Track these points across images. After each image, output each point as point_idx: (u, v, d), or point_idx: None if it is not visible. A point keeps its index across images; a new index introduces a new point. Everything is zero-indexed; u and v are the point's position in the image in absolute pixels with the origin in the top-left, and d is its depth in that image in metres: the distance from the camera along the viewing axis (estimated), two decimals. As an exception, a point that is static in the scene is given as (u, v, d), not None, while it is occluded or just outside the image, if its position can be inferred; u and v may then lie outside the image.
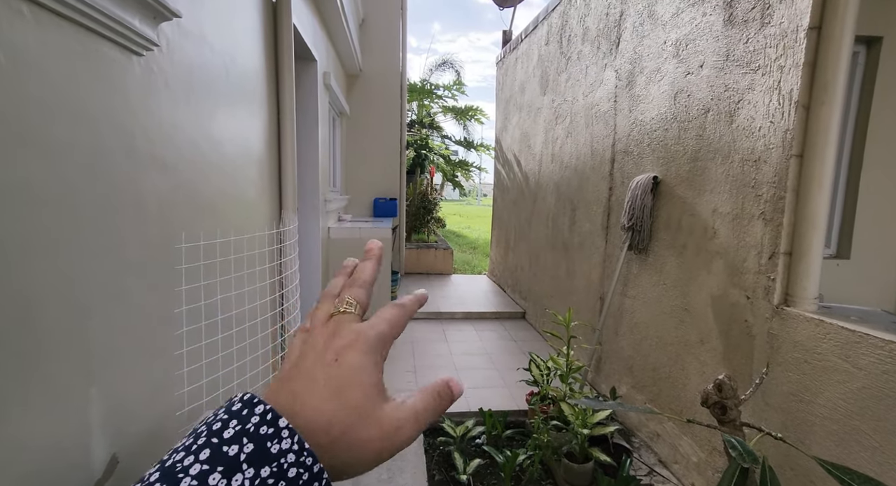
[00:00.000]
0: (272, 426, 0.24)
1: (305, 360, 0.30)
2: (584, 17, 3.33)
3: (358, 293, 0.35)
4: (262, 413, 0.25)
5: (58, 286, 0.89)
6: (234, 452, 0.23)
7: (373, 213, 5.95)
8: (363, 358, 0.29)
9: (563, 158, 3.75)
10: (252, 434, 0.24)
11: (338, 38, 4.32)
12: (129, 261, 1.11)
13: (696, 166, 2.06)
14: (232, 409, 0.25)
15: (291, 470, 0.23)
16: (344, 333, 0.30)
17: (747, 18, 1.74)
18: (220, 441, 0.23)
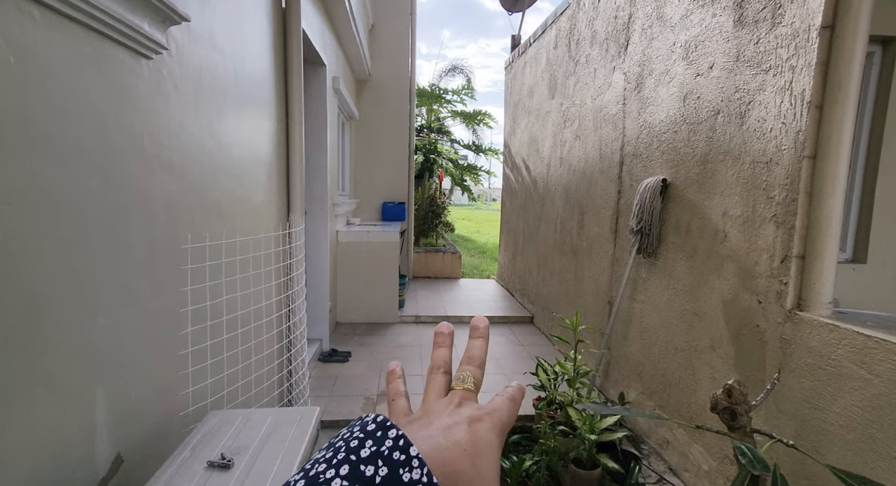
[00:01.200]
0: (404, 453, 0.24)
1: (438, 417, 0.30)
2: (593, 20, 3.32)
3: (476, 374, 0.36)
4: (395, 438, 0.25)
5: (67, 286, 0.90)
6: (370, 472, 0.23)
7: (381, 217, 5.97)
8: (494, 436, 0.29)
9: (571, 161, 3.73)
10: (386, 458, 0.24)
11: (347, 44, 4.36)
12: (137, 261, 1.12)
13: (706, 169, 2.03)
14: (367, 429, 0.26)
15: None
16: (472, 407, 0.31)
17: (758, 19, 1.71)
18: (357, 460, 0.24)
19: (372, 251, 4.39)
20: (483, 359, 0.38)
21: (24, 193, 0.82)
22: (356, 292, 4.39)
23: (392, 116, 5.88)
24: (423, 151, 7.93)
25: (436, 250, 6.67)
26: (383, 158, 5.91)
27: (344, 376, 3.18)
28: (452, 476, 0.26)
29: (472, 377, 0.35)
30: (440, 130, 8.85)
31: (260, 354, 1.58)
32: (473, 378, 0.35)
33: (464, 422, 0.29)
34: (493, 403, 0.33)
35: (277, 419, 1.20)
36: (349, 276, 4.36)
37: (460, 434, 0.28)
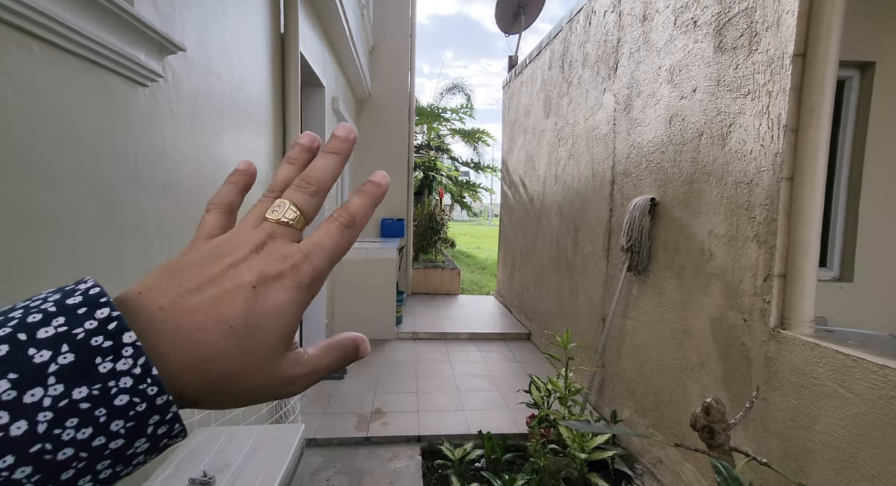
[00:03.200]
0: (112, 339, 0.19)
1: (212, 267, 0.23)
2: (584, 43, 3.41)
3: (304, 202, 0.26)
4: (105, 320, 0.19)
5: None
6: (42, 358, 0.17)
7: (380, 233, 6.02)
8: (289, 298, 0.23)
9: (565, 179, 3.78)
10: (78, 343, 0.18)
11: (347, 65, 4.47)
12: (130, 281, 1.16)
13: (692, 188, 2.07)
14: (65, 303, 0.19)
15: (121, 398, 0.18)
16: (274, 255, 0.24)
17: (736, 45, 1.78)
18: (28, 340, 0.18)
19: (370, 268, 4.42)
20: (325, 182, 0.27)
21: (22, 218, 0.86)
22: (354, 309, 4.41)
23: (391, 134, 5.98)
24: (423, 169, 8.03)
25: (435, 266, 6.70)
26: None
27: (338, 394, 3.17)
28: (204, 364, 0.21)
29: (294, 206, 0.25)
30: (440, 148, 8.98)
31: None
32: (301, 211, 0.26)
33: (247, 286, 0.22)
34: (314, 236, 0.25)
35: (262, 437, 1.22)
36: (347, 292, 4.39)
37: (233, 306, 0.22)
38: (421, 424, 2.77)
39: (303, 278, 0.24)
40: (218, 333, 0.21)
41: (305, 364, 0.25)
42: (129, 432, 0.18)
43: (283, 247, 0.24)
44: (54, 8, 0.90)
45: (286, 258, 0.24)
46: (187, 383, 0.21)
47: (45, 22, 0.88)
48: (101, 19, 1.02)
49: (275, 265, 0.23)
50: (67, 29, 0.93)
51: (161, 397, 0.19)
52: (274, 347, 0.23)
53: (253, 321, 0.22)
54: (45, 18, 0.88)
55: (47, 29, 0.89)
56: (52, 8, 0.89)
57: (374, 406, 2.99)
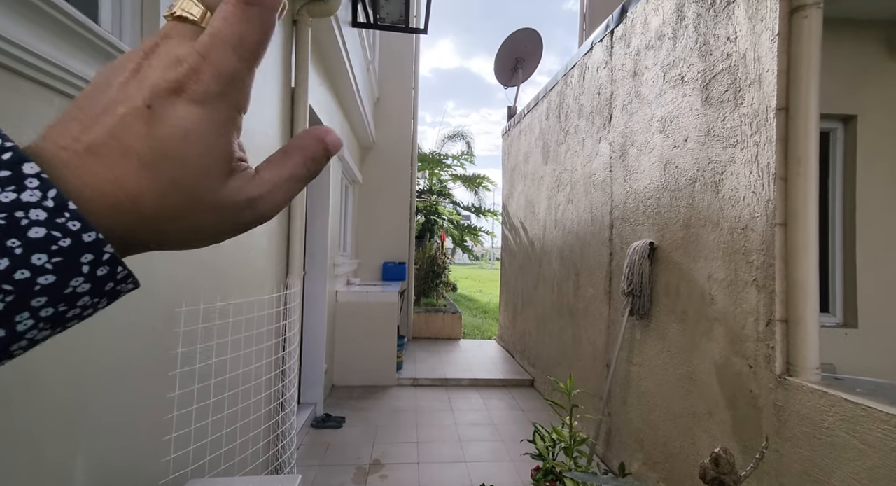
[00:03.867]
0: (9, 169, 0.17)
1: (109, 91, 0.20)
2: (579, 95, 3.59)
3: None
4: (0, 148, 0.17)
5: (60, 353, 0.95)
6: None
7: (382, 276, 6.03)
8: (195, 117, 0.19)
9: (565, 223, 3.85)
10: None
11: (353, 116, 4.68)
12: (133, 324, 1.17)
13: (689, 233, 2.10)
14: None
15: (36, 230, 0.17)
16: (165, 60, 0.20)
17: (722, 99, 1.88)
18: None
19: (371, 312, 4.40)
20: None
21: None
22: (354, 354, 4.33)
23: (394, 180, 6.14)
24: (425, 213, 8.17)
25: (436, 309, 6.65)
26: (385, 220, 6.09)
27: (336, 444, 3.06)
28: (131, 203, 0.19)
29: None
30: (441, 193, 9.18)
31: (247, 418, 1.57)
32: (205, 1, 0.21)
33: (140, 107, 0.19)
34: (209, 27, 0.20)
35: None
36: (347, 337, 4.34)
37: (132, 135, 0.19)
38: (421, 476, 2.65)
39: (206, 86, 0.19)
40: (127, 168, 0.19)
41: (261, 184, 0.22)
42: (58, 268, 0.18)
43: (177, 48, 0.20)
44: (75, 63, 0.97)
45: (179, 62, 0.19)
46: (121, 224, 0.19)
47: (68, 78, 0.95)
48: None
49: (167, 73, 0.19)
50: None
51: (87, 233, 0.18)
52: (201, 178, 0.20)
53: (161, 150, 0.19)
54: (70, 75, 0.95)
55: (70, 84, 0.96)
56: (74, 64, 0.97)
57: (372, 457, 2.87)
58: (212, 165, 0.20)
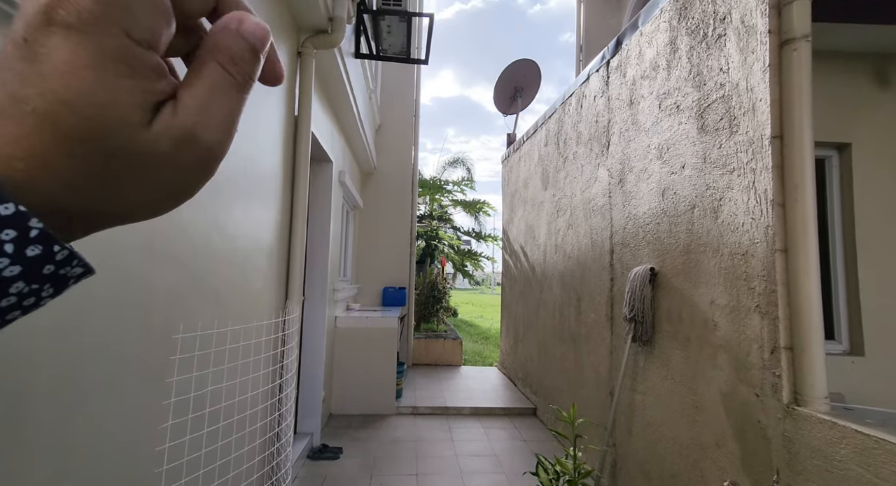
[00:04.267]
0: None
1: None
2: (577, 123, 3.66)
3: None
4: None
5: (54, 380, 0.93)
6: None
7: (382, 302, 5.99)
8: (76, 42, 0.16)
9: (565, 248, 3.85)
10: None
11: (355, 142, 4.76)
12: (128, 353, 1.15)
13: (690, 259, 2.10)
14: None
15: None
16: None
17: (717, 127, 1.91)
18: None
19: (370, 338, 4.34)
20: None
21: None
22: (353, 381, 4.25)
23: (395, 206, 6.19)
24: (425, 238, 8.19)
25: (436, 335, 6.57)
26: (386, 245, 6.10)
27: (332, 476, 2.96)
28: (42, 168, 0.17)
29: None
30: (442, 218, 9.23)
31: (241, 449, 1.52)
32: None
33: (18, 41, 0.16)
34: None
35: (249, 526, 1.13)
36: (346, 364, 4.27)
37: (20, 79, 0.16)
38: (420, 511, 2.55)
39: (77, 6, 0.16)
40: (24, 123, 0.16)
41: (185, 113, 0.19)
42: None
43: None
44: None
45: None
46: (44, 196, 0.17)
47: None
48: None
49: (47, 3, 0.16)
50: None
51: (3, 205, 0.16)
52: (109, 124, 0.17)
53: (53, 94, 0.16)
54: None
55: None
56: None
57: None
58: (116, 106, 0.17)
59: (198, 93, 0.19)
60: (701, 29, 2.03)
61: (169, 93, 0.19)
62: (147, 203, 0.20)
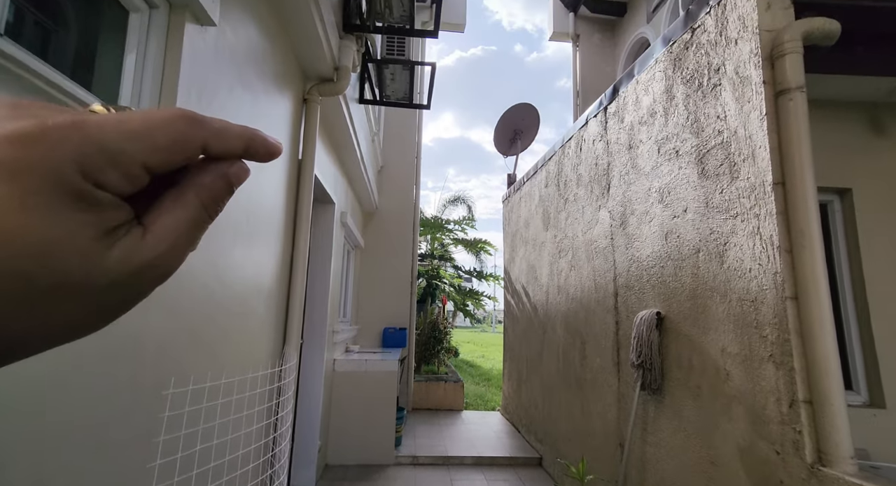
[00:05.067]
0: None
1: None
2: (577, 165, 3.71)
3: None
4: None
5: (36, 440, 0.87)
6: None
7: (382, 343, 5.86)
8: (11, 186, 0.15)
9: (568, 290, 3.80)
10: None
11: (357, 183, 4.82)
12: (116, 411, 1.09)
13: (697, 304, 2.05)
14: None
15: None
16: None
17: (718, 173, 1.92)
18: None
19: (369, 381, 4.21)
20: None
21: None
22: (350, 429, 4.08)
23: (396, 245, 6.19)
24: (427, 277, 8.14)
25: (437, 378, 6.38)
26: (386, 285, 6.05)
27: (326, 536, 2.77)
28: None
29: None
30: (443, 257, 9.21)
31: (229, 513, 1.42)
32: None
33: None
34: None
35: None
36: (344, 410, 4.11)
37: None
38: None
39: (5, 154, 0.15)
40: None
41: (155, 243, 0.18)
42: None
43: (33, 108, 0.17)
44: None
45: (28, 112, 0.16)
46: None
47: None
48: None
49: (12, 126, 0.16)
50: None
51: None
52: (55, 262, 0.16)
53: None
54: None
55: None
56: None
57: (366, 553, 2.58)
58: (60, 242, 0.16)
59: (172, 225, 0.19)
60: (696, 78, 2.09)
61: (127, 219, 0.18)
62: (78, 325, 0.18)
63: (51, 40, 1.06)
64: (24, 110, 0.16)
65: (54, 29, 1.07)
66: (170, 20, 1.32)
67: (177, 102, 1.34)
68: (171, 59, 1.34)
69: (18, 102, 0.17)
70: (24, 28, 0.93)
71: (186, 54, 1.36)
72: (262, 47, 2.04)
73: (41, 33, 1.02)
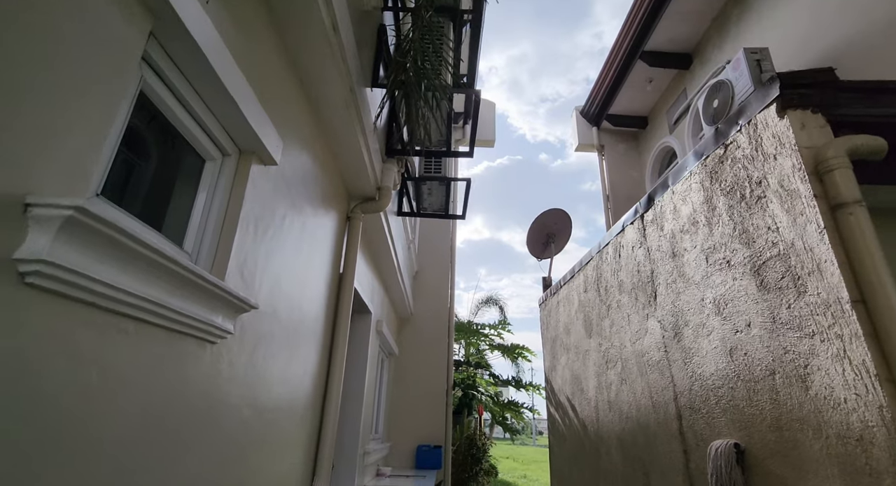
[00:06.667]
0: None
1: None
2: (617, 271, 3.62)
3: None
4: None
5: None
6: None
7: (415, 463, 5.34)
8: None
9: (620, 407, 3.44)
10: None
11: (393, 291, 4.86)
12: None
13: (784, 437, 1.77)
14: None
15: None
16: None
17: (780, 286, 1.80)
18: None
19: (401, 514, 3.73)
20: None
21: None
22: None
23: (431, 351, 5.98)
24: (462, 387, 7.69)
25: (476, 507, 5.63)
26: (421, 396, 5.72)
27: None
28: None
29: None
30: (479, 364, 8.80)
31: None
32: None
33: None
34: None
35: None
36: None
37: None
38: None
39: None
40: None
41: None
42: None
43: None
44: (162, 294, 1.02)
45: None
46: None
47: (150, 307, 0.99)
48: (195, 296, 1.15)
49: None
50: (166, 309, 1.04)
51: None
52: None
53: None
54: (152, 304, 0.99)
55: (149, 311, 1.00)
56: (160, 295, 1.02)
57: None
58: None
59: None
60: (737, 190, 2.08)
61: None
62: None
63: (134, 190, 1.16)
64: None
65: (139, 181, 1.18)
66: (238, 164, 1.46)
67: (236, 232, 1.41)
68: (235, 196, 1.45)
69: None
70: (113, 184, 1.02)
71: (249, 191, 1.47)
72: (314, 175, 2.21)
73: (127, 187, 1.13)
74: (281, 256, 1.79)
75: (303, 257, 2.06)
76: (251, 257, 1.51)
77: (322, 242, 2.42)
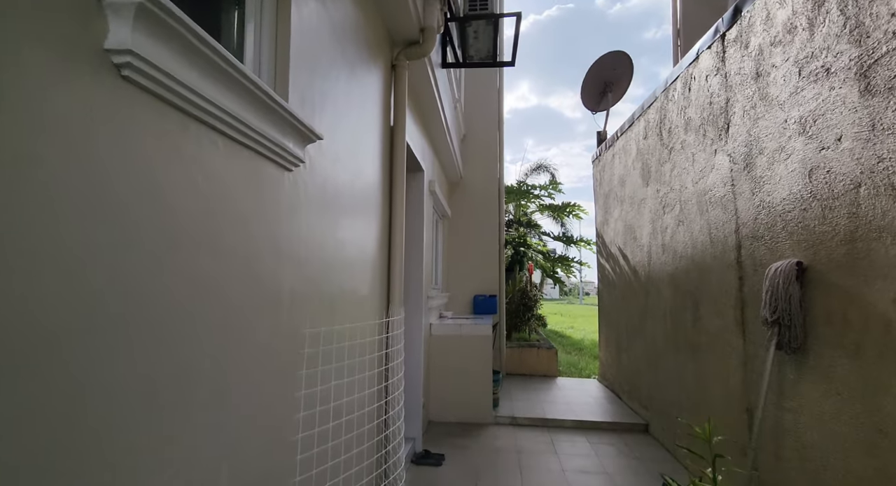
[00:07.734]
0: None
1: None
2: (685, 108, 3.32)
3: None
4: None
5: (206, 368, 0.99)
6: None
7: (473, 310, 5.95)
8: None
9: (675, 248, 3.49)
10: None
11: (442, 153, 4.82)
12: (264, 344, 1.20)
13: (856, 248, 1.75)
14: None
15: None
16: None
17: (891, 86, 1.58)
18: None
19: (465, 345, 4.30)
20: None
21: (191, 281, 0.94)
22: (449, 389, 4.23)
23: (482, 214, 6.15)
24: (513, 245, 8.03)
25: (529, 344, 6.35)
26: (474, 253, 6.07)
27: (437, 483, 2.93)
28: None
29: None
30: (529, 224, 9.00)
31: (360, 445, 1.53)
32: None
33: None
34: None
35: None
36: (442, 371, 4.26)
37: None
38: (532, 529, 2.40)
39: None
40: None
41: None
42: None
43: None
44: (239, 109, 1.06)
45: None
46: None
47: (231, 121, 1.04)
48: (266, 116, 1.19)
49: None
50: (244, 125, 1.09)
51: None
52: None
53: None
54: (232, 118, 1.04)
55: (230, 126, 1.05)
56: (237, 110, 1.06)
57: (476, 502, 2.69)
58: None
59: None
60: (854, -25, 1.71)
61: None
62: None
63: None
64: None
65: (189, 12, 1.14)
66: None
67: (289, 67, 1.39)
68: (282, 29, 1.39)
69: None
70: None
71: (295, 23, 1.40)
72: (356, 17, 2.05)
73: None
74: (333, 100, 1.77)
75: (354, 106, 2.03)
76: (308, 95, 1.51)
77: (370, 90, 2.35)
